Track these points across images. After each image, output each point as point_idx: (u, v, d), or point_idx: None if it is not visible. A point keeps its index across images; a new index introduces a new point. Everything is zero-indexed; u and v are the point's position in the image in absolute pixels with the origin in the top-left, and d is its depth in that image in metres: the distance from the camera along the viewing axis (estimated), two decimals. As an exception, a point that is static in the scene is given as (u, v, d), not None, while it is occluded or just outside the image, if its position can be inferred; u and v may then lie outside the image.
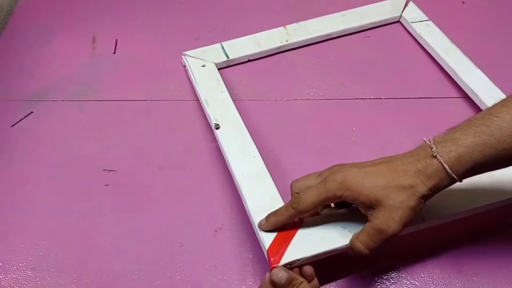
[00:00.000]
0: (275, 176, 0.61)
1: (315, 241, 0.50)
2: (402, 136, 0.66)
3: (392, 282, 0.54)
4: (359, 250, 0.47)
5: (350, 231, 0.50)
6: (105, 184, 0.62)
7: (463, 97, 0.70)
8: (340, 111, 0.69)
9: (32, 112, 0.70)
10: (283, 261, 0.49)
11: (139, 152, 0.66)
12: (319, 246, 0.50)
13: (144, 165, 0.64)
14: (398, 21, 0.81)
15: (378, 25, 0.80)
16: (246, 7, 0.84)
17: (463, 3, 0.84)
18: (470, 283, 0.54)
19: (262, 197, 0.55)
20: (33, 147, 0.66)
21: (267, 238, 0.50)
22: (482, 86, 0.67)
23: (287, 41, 0.76)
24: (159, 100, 0.71)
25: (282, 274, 0.46)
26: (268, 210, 0.52)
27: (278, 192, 0.55)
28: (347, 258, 0.50)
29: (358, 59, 0.76)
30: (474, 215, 0.55)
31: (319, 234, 0.50)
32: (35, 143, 0.67)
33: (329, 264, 0.51)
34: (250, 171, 0.58)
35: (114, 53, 0.78)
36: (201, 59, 0.73)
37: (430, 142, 0.46)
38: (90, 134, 0.68)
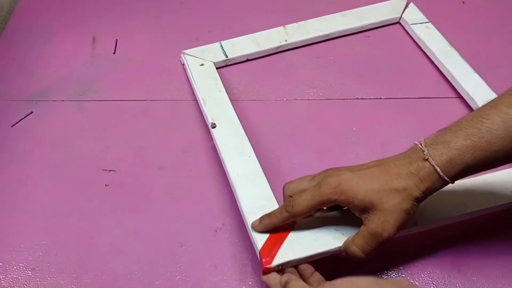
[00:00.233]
0: (275, 176, 0.61)
1: (307, 242, 0.50)
2: (402, 136, 0.66)
3: (392, 282, 0.54)
4: (355, 254, 0.47)
5: (342, 234, 0.50)
6: (105, 184, 0.62)
7: (462, 97, 0.70)
8: (340, 111, 0.69)
9: (32, 112, 0.70)
10: (275, 262, 0.49)
11: (139, 152, 0.66)
12: (312, 248, 0.50)
13: (144, 165, 0.64)
14: (398, 22, 0.80)
15: (378, 26, 0.79)
16: (246, 7, 0.84)
17: (463, 3, 0.84)
18: (470, 283, 0.54)
19: (256, 197, 0.55)
20: (33, 147, 0.66)
21: (259, 239, 0.51)
22: (479, 90, 0.67)
23: (286, 41, 0.76)
24: (159, 100, 0.71)
25: (275, 277, 0.48)
26: (262, 210, 0.52)
27: (272, 192, 0.55)
28: (343, 259, 0.50)
29: (358, 59, 0.76)
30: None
31: (312, 236, 0.50)
32: (35, 143, 0.67)
33: (326, 264, 0.50)
34: (245, 171, 0.58)
35: (114, 53, 0.78)
36: (199, 58, 0.73)
37: (421, 145, 0.46)
38: (90, 134, 0.68)
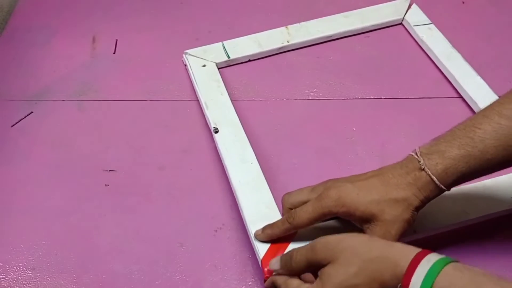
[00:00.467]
0: (275, 177, 0.61)
1: None
2: (402, 136, 0.66)
3: (392, 282, 0.54)
4: None
5: None
6: (105, 184, 0.62)
7: (463, 97, 0.70)
8: (340, 111, 0.69)
9: (32, 112, 0.70)
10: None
11: (139, 152, 0.66)
12: None
13: (144, 165, 0.64)
14: (401, 23, 0.80)
15: (380, 27, 0.79)
16: (246, 7, 0.84)
17: (463, 3, 0.84)
18: (470, 283, 0.54)
19: (258, 205, 0.56)
20: (33, 147, 0.66)
21: (261, 248, 0.52)
22: (481, 93, 0.67)
23: (288, 41, 0.76)
24: (159, 100, 0.71)
25: (273, 263, 0.48)
26: (264, 218, 0.53)
27: (274, 200, 0.56)
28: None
29: (358, 59, 0.76)
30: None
31: None
32: (35, 143, 0.67)
33: None
34: (247, 178, 0.58)
35: (114, 53, 0.78)
36: (202, 58, 0.73)
37: (417, 155, 0.47)
38: (90, 134, 0.68)
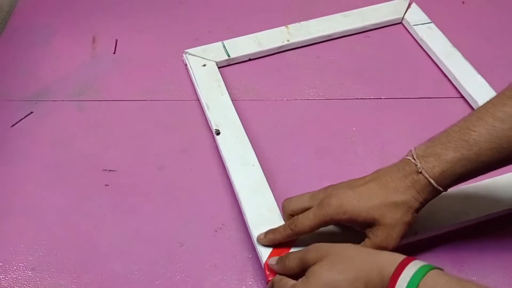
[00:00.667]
0: (275, 177, 0.61)
1: None
2: (402, 136, 0.66)
3: (392, 282, 0.54)
4: None
5: None
6: (105, 184, 0.62)
7: (463, 97, 0.70)
8: (340, 111, 0.69)
9: (32, 112, 0.70)
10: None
11: (139, 152, 0.66)
12: None
13: (144, 165, 0.64)
14: (400, 22, 0.80)
15: (380, 26, 0.79)
16: (246, 7, 0.84)
17: (463, 3, 0.84)
18: (470, 283, 0.54)
19: (260, 209, 0.56)
20: (33, 147, 0.66)
21: (264, 252, 0.52)
22: (482, 92, 0.67)
23: (288, 40, 0.76)
24: (159, 100, 0.71)
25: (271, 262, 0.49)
26: (266, 222, 0.54)
27: (276, 203, 0.56)
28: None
29: (358, 59, 0.76)
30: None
31: None
32: (35, 143, 0.67)
33: None
34: (249, 181, 0.58)
35: (114, 53, 0.78)
36: (202, 57, 0.73)
37: (413, 157, 0.47)
38: (90, 134, 0.68)
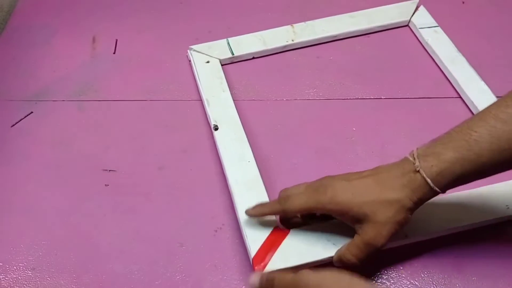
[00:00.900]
0: (274, 177, 0.61)
1: (299, 252, 0.51)
2: (402, 136, 0.66)
3: (392, 282, 0.54)
4: (352, 261, 0.49)
5: (334, 244, 0.51)
6: (105, 184, 0.62)
7: (462, 97, 0.70)
8: (340, 111, 0.69)
9: (32, 112, 0.70)
10: (267, 270, 0.50)
11: (139, 152, 0.66)
12: (303, 257, 0.51)
13: (144, 165, 0.64)
14: (407, 25, 0.79)
15: (386, 28, 0.78)
16: (246, 7, 0.84)
17: (463, 3, 0.83)
18: (470, 283, 0.54)
19: (253, 204, 0.55)
20: (33, 147, 0.66)
21: (253, 247, 0.52)
22: (484, 99, 0.66)
23: (293, 40, 0.75)
24: (159, 100, 0.71)
25: (253, 280, 0.47)
26: (257, 218, 0.54)
27: (269, 200, 0.56)
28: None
29: (358, 59, 0.76)
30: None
31: (304, 245, 0.52)
32: (35, 143, 0.67)
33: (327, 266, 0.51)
34: (244, 178, 0.58)
35: (114, 53, 0.78)
36: (206, 54, 0.73)
37: (414, 156, 0.47)
38: (90, 134, 0.68)
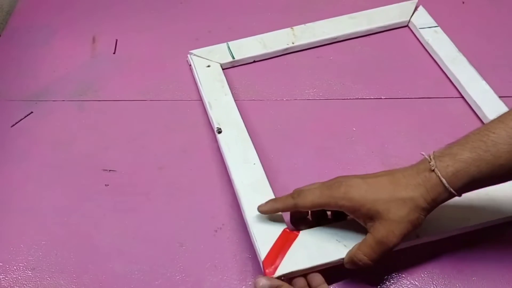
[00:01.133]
0: (275, 177, 0.61)
1: (310, 254, 0.50)
2: (402, 136, 0.66)
3: (392, 282, 0.54)
4: (364, 261, 0.48)
5: (345, 245, 0.51)
6: (105, 184, 0.62)
7: (464, 97, 0.70)
8: (340, 111, 0.69)
9: (32, 112, 0.70)
10: (278, 273, 0.49)
11: (139, 152, 0.66)
12: (314, 259, 0.50)
13: (144, 165, 0.64)
14: (407, 25, 0.79)
15: (386, 29, 0.78)
16: (246, 7, 0.84)
17: (463, 3, 0.83)
18: (470, 283, 0.54)
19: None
20: (33, 147, 0.66)
21: (263, 250, 0.51)
22: (486, 99, 0.66)
23: (293, 43, 0.75)
24: (159, 100, 0.71)
25: (264, 283, 0.47)
26: (266, 221, 0.53)
27: None
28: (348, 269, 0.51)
29: (359, 59, 0.76)
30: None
31: (314, 247, 0.51)
32: (35, 143, 0.67)
33: (335, 270, 0.51)
34: (249, 179, 0.58)
35: (114, 53, 0.78)
36: (206, 58, 0.72)
37: (430, 157, 0.46)
38: (90, 134, 0.68)
